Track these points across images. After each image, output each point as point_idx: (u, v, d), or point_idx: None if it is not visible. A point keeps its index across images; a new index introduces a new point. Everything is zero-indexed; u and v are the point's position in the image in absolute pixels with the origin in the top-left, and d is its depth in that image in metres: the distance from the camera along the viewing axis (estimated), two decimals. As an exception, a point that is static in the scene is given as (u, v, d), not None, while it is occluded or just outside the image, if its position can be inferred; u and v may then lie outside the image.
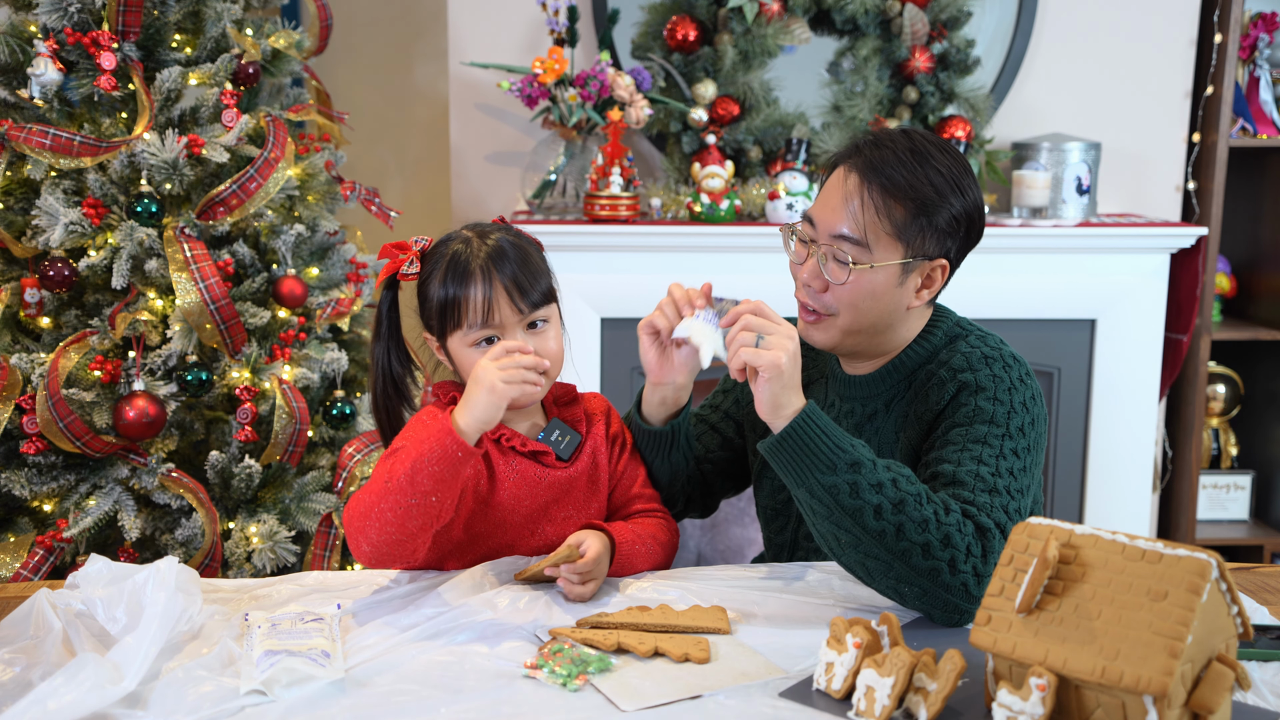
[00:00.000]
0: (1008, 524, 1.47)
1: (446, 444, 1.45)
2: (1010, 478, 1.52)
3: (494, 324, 1.57)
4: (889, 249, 1.60)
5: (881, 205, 1.59)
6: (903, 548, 1.42)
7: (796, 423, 1.46)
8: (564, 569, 1.52)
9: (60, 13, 2.44)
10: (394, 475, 1.47)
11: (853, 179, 1.62)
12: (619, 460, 1.73)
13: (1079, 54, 3.42)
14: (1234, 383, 3.74)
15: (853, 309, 1.62)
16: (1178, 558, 1.13)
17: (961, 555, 1.43)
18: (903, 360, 1.68)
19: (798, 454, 1.46)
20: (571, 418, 1.70)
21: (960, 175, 1.62)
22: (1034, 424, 1.59)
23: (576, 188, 3.26)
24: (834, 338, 1.65)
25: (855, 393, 1.71)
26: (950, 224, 1.61)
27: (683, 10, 3.21)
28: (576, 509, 1.67)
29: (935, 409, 1.61)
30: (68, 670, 1.23)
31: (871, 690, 1.22)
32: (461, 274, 1.57)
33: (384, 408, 1.70)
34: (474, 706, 1.25)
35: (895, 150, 1.61)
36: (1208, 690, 1.12)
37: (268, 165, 2.55)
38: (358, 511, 1.50)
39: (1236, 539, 3.61)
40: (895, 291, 1.62)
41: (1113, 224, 3.22)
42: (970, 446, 1.54)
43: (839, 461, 1.44)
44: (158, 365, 2.48)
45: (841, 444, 1.45)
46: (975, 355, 1.62)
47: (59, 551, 2.38)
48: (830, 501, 1.44)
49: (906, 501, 1.43)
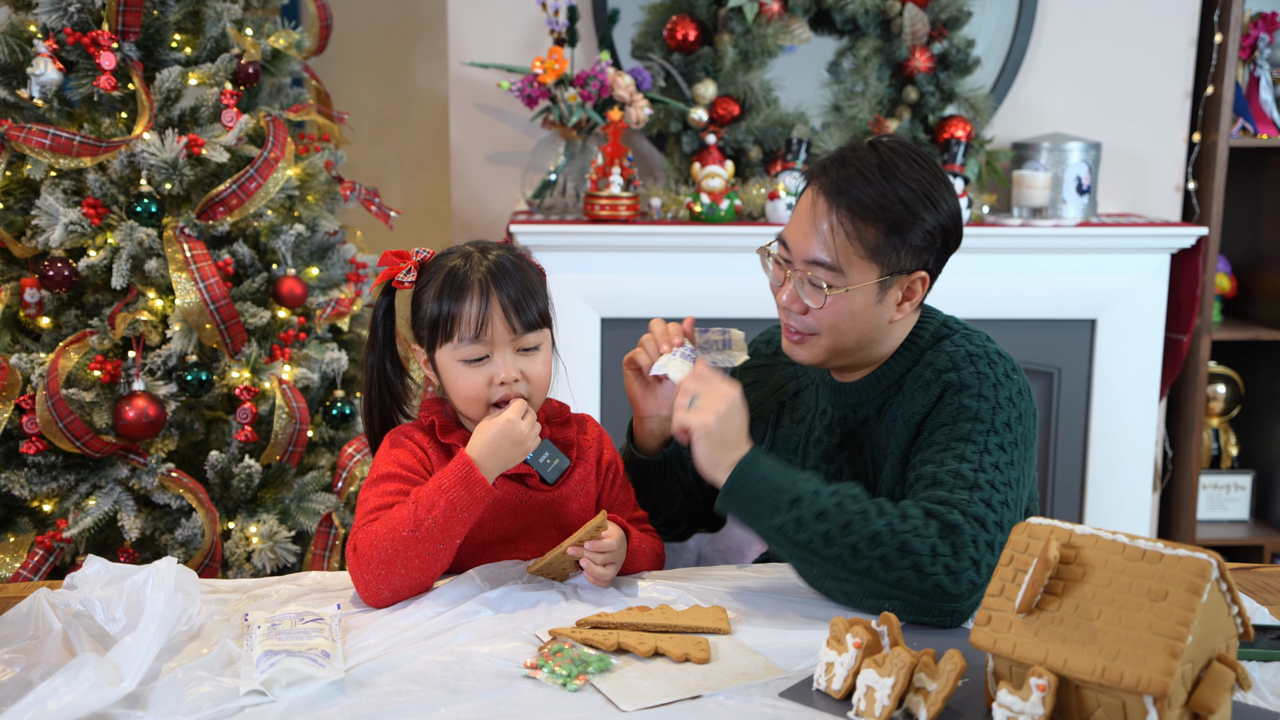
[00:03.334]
0: (988, 515, 1.47)
1: (478, 494, 1.51)
2: (995, 471, 1.52)
3: (485, 339, 1.56)
4: (864, 270, 1.58)
5: (851, 229, 1.56)
6: (864, 566, 1.44)
7: (733, 476, 1.52)
8: (588, 547, 1.52)
9: (60, 13, 2.43)
10: (423, 522, 1.48)
11: (821, 202, 1.59)
12: (613, 488, 1.73)
13: (1079, 54, 3.42)
14: (1234, 383, 3.74)
15: (834, 330, 1.61)
16: (1178, 558, 1.13)
17: (926, 559, 1.43)
18: (891, 365, 1.67)
19: (742, 504, 1.52)
20: (564, 440, 1.69)
21: (931, 187, 1.58)
22: (1021, 419, 1.58)
23: (576, 188, 3.26)
24: (819, 356, 1.65)
25: (846, 400, 1.71)
26: (925, 239, 1.59)
27: (683, 10, 3.21)
28: (560, 533, 1.66)
29: (922, 411, 1.61)
30: (68, 670, 1.23)
31: (871, 690, 1.22)
32: (458, 288, 1.56)
33: (376, 414, 1.70)
34: (474, 706, 1.25)
35: (860, 168, 1.57)
36: (1208, 690, 1.12)
37: (268, 165, 2.55)
38: (378, 557, 1.48)
39: (1237, 539, 3.61)
40: (875, 309, 1.61)
41: (1113, 224, 3.22)
42: (954, 445, 1.54)
43: (780, 501, 1.49)
44: (158, 365, 2.48)
45: (780, 484, 1.50)
46: (959, 354, 1.61)
47: (59, 551, 2.38)
48: (782, 540, 1.49)
49: (852, 523, 1.45)
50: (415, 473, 1.59)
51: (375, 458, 1.64)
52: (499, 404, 1.59)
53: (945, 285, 1.64)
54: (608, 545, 1.53)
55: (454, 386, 1.60)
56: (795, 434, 1.77)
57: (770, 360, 1.86)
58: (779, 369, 1.84)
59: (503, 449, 1.54)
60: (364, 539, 1.50)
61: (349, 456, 2.69)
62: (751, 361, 1.88)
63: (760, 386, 1.85)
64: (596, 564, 1.54)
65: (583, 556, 1.54)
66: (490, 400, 1.59)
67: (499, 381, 1.57)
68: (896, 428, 1.64)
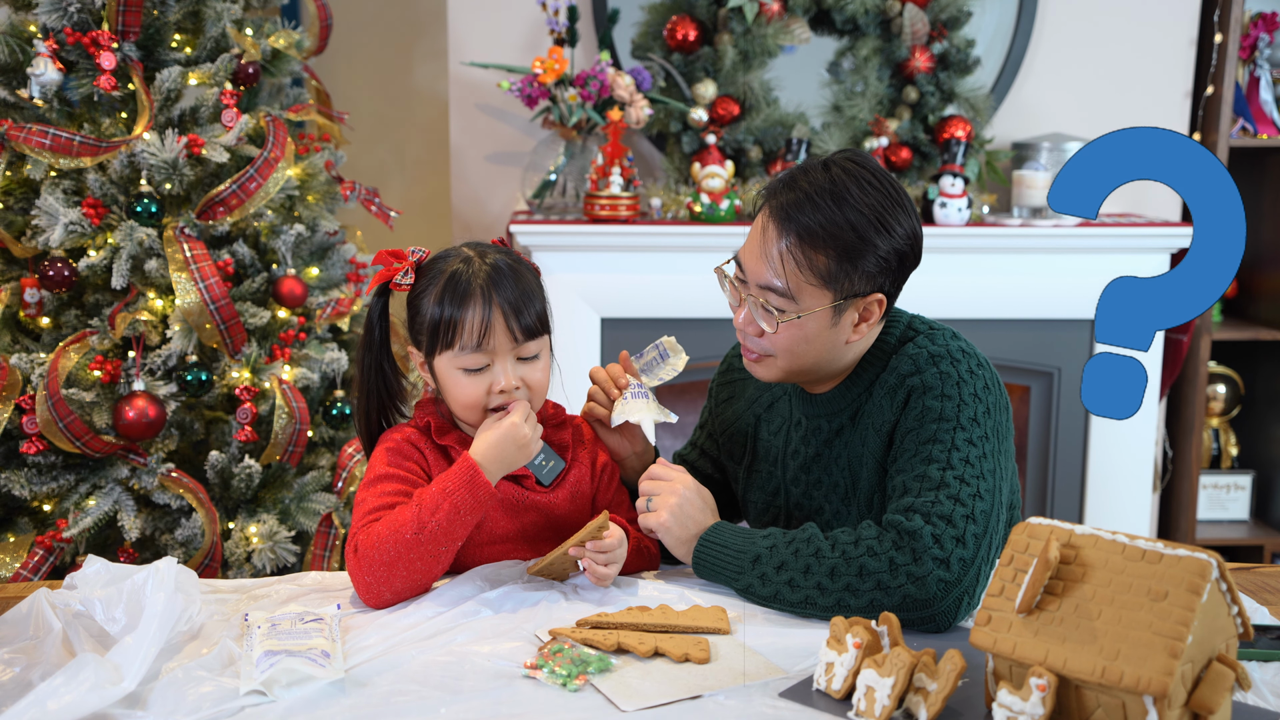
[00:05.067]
0: (955, 510, 1.47)
1: (482, 497, 1.52)
2: (966, 466, 1.51)
3: (488, 348, 1.56)
4: (816, 296, 1.56)
5: (801, 257, 1.54)
6: (834, 600, 1.48)
7: (697, 553, 1.59)
8: (589, 547, 1.53)
9: (60, 13, 2.43)
10: (426, 525, 1.48)
11: (771, 227, 1.57)
12: (609, 490, 1.74)
13: (1079, 54, 3.42)
14: (1234, 383, 3.74)
15: (789, 353, 1.61)
16: (1178, 558, 1.13)
17: (886, 574, 1.45)
18: (860, 373, 1.66)
19: (711, 573, 1.58)
20: (559, 441, 1.69)
21: (884, 211, 1.54)
22: (989, 412, 1.57)
23: (576, 188, 3.26)
24: (777, 375, 1.65)
25: (819, 410, 1.70)
26: (878, 264, 1.56)
27: (683, 10, 3.21)
28: (555, 533, 1.66)
29: (892, 419, 1.60)
30: (68, 670, 1.23)
31: (871, 690, 1.22)
32: (460, 295, 1.55)
33: (371, 414, 1.69)
34: (474, 706, 1.25)
35: (810, 192, 1.54)
36: (1208, 690, 1.12)
37: (268, 165, 2.55)
38: (380, 559, 1.48)
39: (1236, 539, 3.61)
40: (830, 332, 1.59)
41: (1113, 224, 3.22)
42: (922, 449, 1.54)
43: (742, 563, 1.55)
44: (158, 365, 2.48)
45: (740, 547, 1.55)
46: (922, 356, 1.60)
47: (59, 551, 2.38)
48: (754, 597, 1.54)
49: (810, 566, 1.50)
50: (413, 474, 1.59)
51: (371, 458, 1.64)
52: (500, 409, 1.58)
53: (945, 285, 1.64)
54: (609, 545, 1.53)
55: (452, 392, 1.59)
56: (773, 446, 1.77)
57: (744, 374, 1.86)
58: (753, 381, 1.84)
59: (506, 452, 1.55)
60: (365, 540, 1.50)
61: (349, 456, 2.69)
62: (727, 376, 1.89)
63: (736, 401, 1.86)
64: (599, 564, 1.54)
65: (584, 557, 1.54)
66: (489, 407, 1.59)
67: (499, 390, 1.57)
68: (870, 436, 1.63)
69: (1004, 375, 3.25)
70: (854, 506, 1.66)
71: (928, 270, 1.67)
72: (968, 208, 3.11)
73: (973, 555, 1.46)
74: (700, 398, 3.36)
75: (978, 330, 3.03)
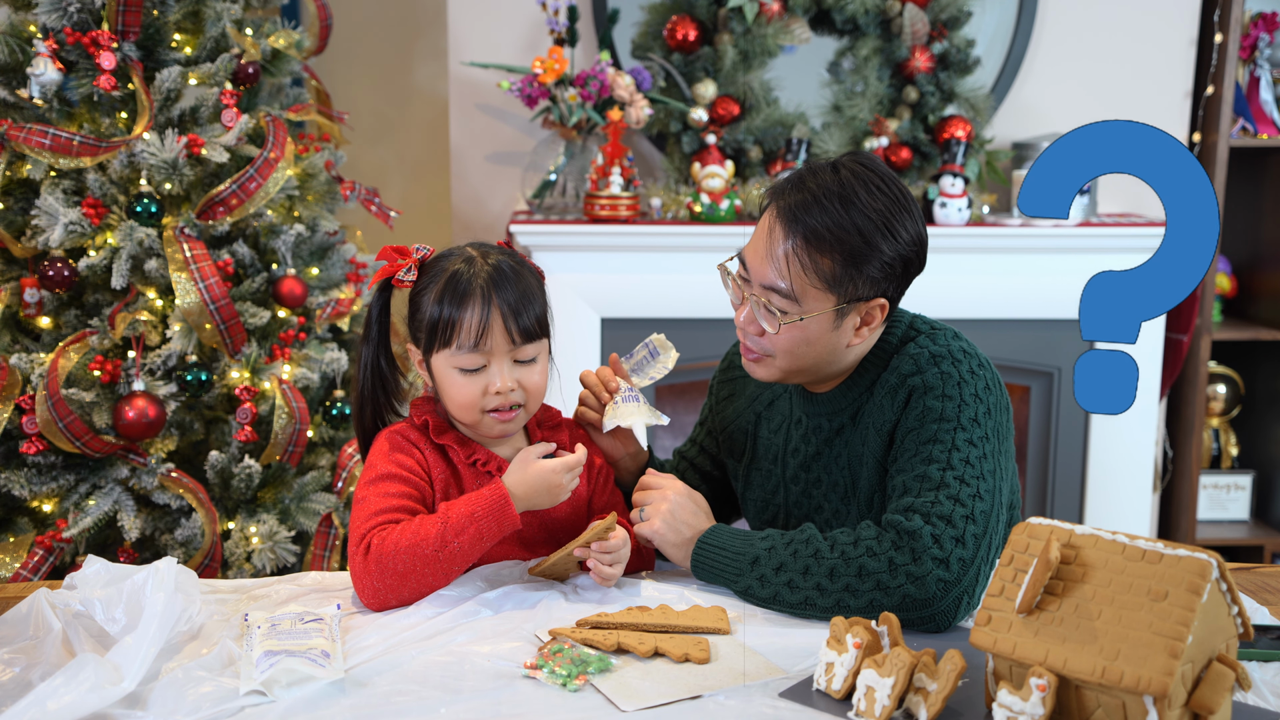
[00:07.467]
0: (955, 510, 1.47)
1: (506, 527, 1.53)
2: (966, 466, 1.51)
3: (484, 349, 1.55)
4: (819, 299, 1.56)
5: (807, 259, 1.54)
6: (835, 600, 1.48)
7: (694, 556, 1.60)
8: (594, 548, 1.53)
9: (60, 12, 2.43)
10: (449, 544, 1.49)
11: (778, 228, 1.56)
12: (605, 492, 1.74)
13: (1079, 54, 3.42)
14: (1234, 383, 3.74)
15: (789, 354, 1.61)
16: (1178, 558, 1.13)
17: (886, 574, 1.45)
18: (861, 373, 1.66)
19: (712, 575, 1.58)
20: (557, 444, 1.69)
21: (891, 215, 1.54)
22: (990, 413, 1.57)
23: (576, 188, 3.26)
24: (776, 375, 1.65)
25: (819, 409, 1.70)
26: (883, 269, 1.56)
27: (683, 10, 3.21)
28: (549, 535, 1.66)
29: (892, 419, 1.60)
30: (68, 670, 1.23)
31: (871, 690, 1.22)
32: (460, 294, 1.55)
33: (369, 410, 1.69)
34: (474, 706, 1.25)
35: (818, 194, 1.54)
36: (1208, 690, 1.12)
37: (267, 165, 2.55)
38: (396, 569, 1.48)
39: (1237, 539, 3.61)
40: (831, 335, 1.59)
41: (1113, 224, 3.22)
42: (922, 449, 1.54)
43: (741, 565, 1.55)
44: (157, 365, 2.48)
45: (738, 549, 1.56)
46: (923, 357, 1.60)
47: (59, 551, 2.38)
48: (754, 599, 1.54)
49: (809, 567, 1.50)
50: (414, 473, 1.59)
51: (370, 456, 1.63)
52: (495, 411, 1.58)
53: (946, 285, 1.64)
54: (614, 545, 1.54)
55: (448, 392, 1.59)
56: (774, 443, 1.77)
57: (745, 372, 1.85)
58: (754, 379, 1.84)
59: (539, 495, 1.56)
60: (382, 547, 1.49)
61: (349, 456, 2.69)
62: (728, 374, 1.89)
63: (737, 398, 1.86)
64: (604, 564, 1.54)
65: (589, 558, 1.54)
66: (484, 409, 1.58)
67: (494, 391, 1.56)
68: (870, 436, 1.63)
69: (1004, 375, 3.25)
70: (854, 506, 1.66)
71: (928, 270, 1.67)
72: (968, 208, 3.11)
73: (972, 555, 1.46)
74: (700, 396, 3.36)
75: (978, 330, 3.03)
